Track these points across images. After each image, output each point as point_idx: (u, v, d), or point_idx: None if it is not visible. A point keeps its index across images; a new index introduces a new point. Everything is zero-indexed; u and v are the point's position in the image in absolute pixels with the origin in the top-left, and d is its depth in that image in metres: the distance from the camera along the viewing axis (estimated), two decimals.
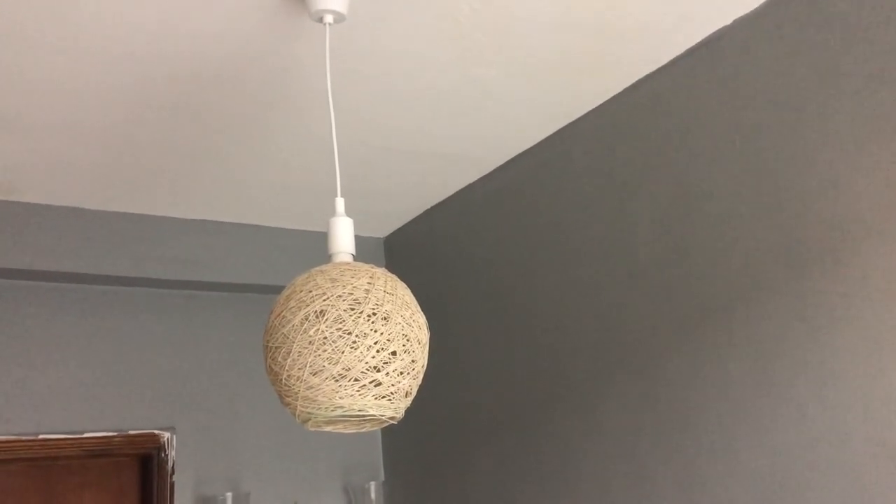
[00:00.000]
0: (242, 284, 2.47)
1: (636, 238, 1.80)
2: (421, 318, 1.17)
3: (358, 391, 1.08)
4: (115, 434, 2.25)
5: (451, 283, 2.41)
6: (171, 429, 2.33)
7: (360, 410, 1.09)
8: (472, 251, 2.33)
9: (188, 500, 2.31)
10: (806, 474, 1.41)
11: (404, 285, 1.19)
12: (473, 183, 2.34)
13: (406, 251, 2.67)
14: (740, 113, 1.59)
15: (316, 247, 2.60)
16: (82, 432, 2.20)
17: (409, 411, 1.18)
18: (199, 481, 2.34)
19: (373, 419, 1.17)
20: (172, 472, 2.30)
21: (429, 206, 2.53)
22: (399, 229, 2.71)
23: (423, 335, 1.16)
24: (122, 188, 2.13)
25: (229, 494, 2.31)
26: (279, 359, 1.11)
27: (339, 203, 1.27)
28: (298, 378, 1.09)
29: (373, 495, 2.51)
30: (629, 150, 1.84)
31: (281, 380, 1.12)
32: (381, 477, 2.65)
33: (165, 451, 2.31)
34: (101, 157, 1.93)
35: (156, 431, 2.31)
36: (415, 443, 2.51)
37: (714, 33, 1.64)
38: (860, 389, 1.34)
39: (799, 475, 1.42)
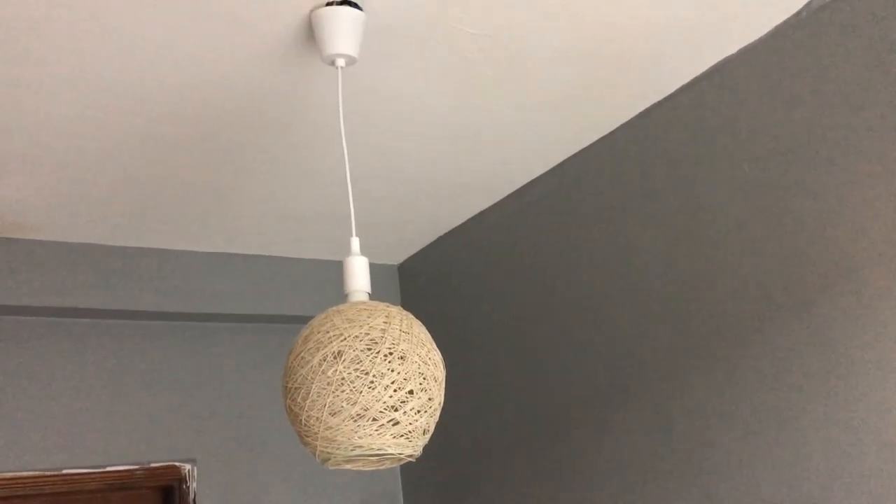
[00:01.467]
0: (260, 315, 2.50)
1: (648, 263, 1.81)
2: (437, 356, 1.19)
3: (376, 430, 1.09)
4: (136, 467, 2.26)
5: (464, 309, 2.43)
6: (192, 461, 2.35)
7: (378, 449, 1.10)
8: (485, 277, 2.35)
9: None
10: (828, 501, 1.41)
11: (420, 323, 1.21)
12: (485, 210, 2.36)
13: (420, 278, 2.69)
14: (749, 140, 1.60)
15: (333, 276, 2.62)
16: (104, 466, 2.22)
17: None
18: None
19: (391, 457, 1.18)
20: None
21: (442, 233, 2.55)
22: (412, 256, 2.73)
23: (440, 373, 1.18)
24: (138, 224, 2.16)
25: None
26: (299, 399, 1.13)
27: (355, 243, 1.29)
28: (318, 419, 1.11)
29: None
30: (638, 177, 1.85)
31: (301, 420, 1.13)
32: None
33: (187, 483, 2.33)
34: (121, 194, 1.96)
35: (177, 463, 2.33)
36: (433, 471, 2.51)
37: (721, 61, 1.66)
38: (881, 414, 1.35)
39: (821, 502, 1.42)
